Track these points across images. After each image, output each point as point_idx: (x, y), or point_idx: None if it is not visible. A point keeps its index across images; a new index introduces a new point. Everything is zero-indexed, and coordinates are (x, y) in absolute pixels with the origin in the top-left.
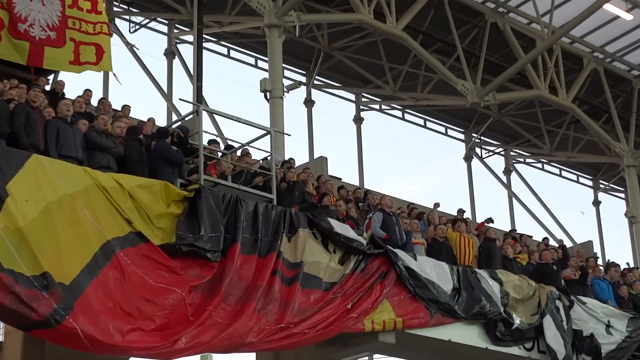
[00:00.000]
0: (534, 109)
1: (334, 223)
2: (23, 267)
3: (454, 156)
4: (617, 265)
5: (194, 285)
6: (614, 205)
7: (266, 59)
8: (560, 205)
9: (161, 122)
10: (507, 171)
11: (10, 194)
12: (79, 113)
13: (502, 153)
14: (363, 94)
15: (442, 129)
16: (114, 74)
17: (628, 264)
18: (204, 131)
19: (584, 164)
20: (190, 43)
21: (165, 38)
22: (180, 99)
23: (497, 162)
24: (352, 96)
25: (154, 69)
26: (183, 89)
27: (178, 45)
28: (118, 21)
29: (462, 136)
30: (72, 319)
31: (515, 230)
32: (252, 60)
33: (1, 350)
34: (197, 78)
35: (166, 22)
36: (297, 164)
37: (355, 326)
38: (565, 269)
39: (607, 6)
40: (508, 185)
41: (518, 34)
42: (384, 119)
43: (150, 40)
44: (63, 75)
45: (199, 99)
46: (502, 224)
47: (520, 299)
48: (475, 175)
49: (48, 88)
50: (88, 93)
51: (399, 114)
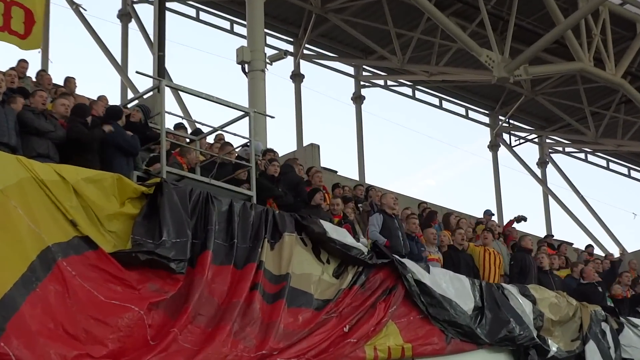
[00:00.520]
0: (576, 86)
1: (327, 226)
2: None
3: (476, 144)
4: None
5: (154, 302)
6: None
7: (244, 22)
8: (607, 205)
9: (114, 101)
10: (542, 163)
11: None
12: (11, 89)
13: (536, 140)
14: (364, 66)
15: (462, 111)
16: (50, 60)
17: None
18: (167, 112)
19: (636, 154)
20: (150, 2)
21: None
22: (137, 72)
23: (530, 152)
24: (351, 69)
25: (106, 35)
26: (141, 59)
27: (135, 5)
28: None
29: (487, 119)
30: (4, 343)
31: (552, 236)
32: (227, 25)
33: None
34: (159, 46)
35: None
36: (283, 153)
37: (354, 354)
38: (614, 285)
39: None
40: (543, 181)
41: None
42: (390, 98)
43: None
44: None
45: (160, 72)
46: (536, 228)
47: (557, 320)
48: (503, 168)
49: None
50: (23, 64)
51: (409, 91)
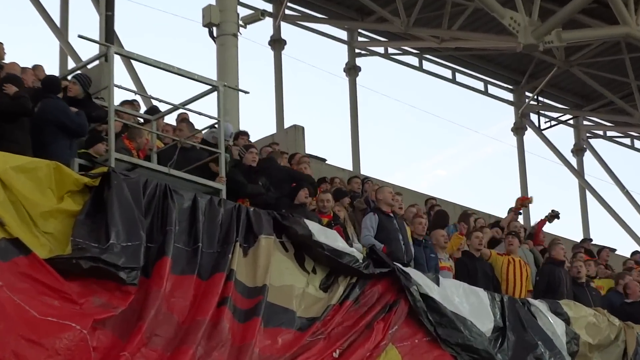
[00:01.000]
0: (620, 55)
1: (313, 227)
2: None
3: (497, 127)
4: None
5: (100, 319)
6: None
7: None
8: None
9: (52, 71)
10: (578, 150)
11: None
12: None
13: (571, 122)
14: (360, 30)
15: (480, 85)
16: None
17: None
18: (117, 86)
19: None
20: None
21: None
22: (80, 37)
23: (564, 136)
24: (344, 34)
25: None
26: (85, 20)
27: None
28: None
29: (511, 96)
30: None
31: (591, 240)
32: None
33: None
34: (106, 4)
35: None
36: (261, 137)
37: None
38: None
39: None
40: (579, 172)
41: None
42: (391, 69)
43: None
44: None
45: (108, 36)
46: (571, 230)
47: (596, 344)
48: (530, 156)
49: None
50: None
51: (415, 61)
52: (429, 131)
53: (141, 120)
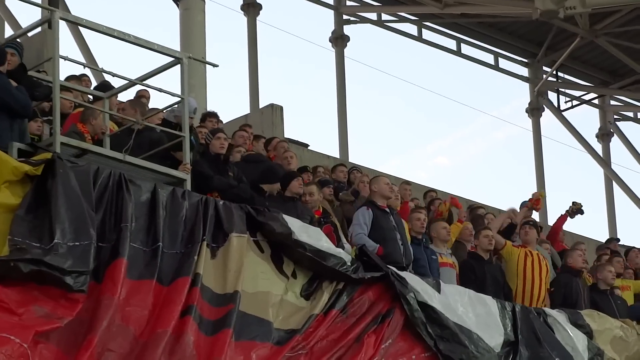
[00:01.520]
0: None
1: (293, 224)
2: None
3: (510, 107)
4: None
5: (42, 331)
6: None
7: None
8: None
9: None
10: (605, 134)
11: None
12: None
13: (596, 102)
14: None
15: (490, 59)
16: None
17: None
18: (62, 57)
19: None
20: None
21: None
22: None
23: (587, 118)
24: None
25: None
26: None
27: None
28: None
29: (526, 71)
30: None
31: (618, 240)
32: None
33: None
34: None
35: None
36: (232, 118)
37: None
38: None
39: None
40: (605, 160)
41: None
42: (385, 39)
43: None
44: None
45: None
46: (595, 229)
47: None
48: (548, 141)
49: None
50: None
51: (413, 29)
52: (429, 112)
53: (90, 98)
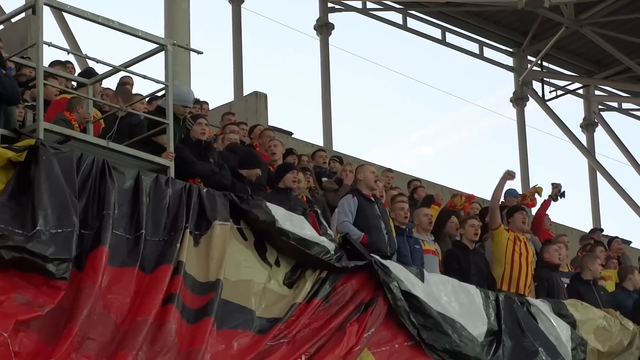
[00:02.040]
0: (639, 14)
1: (277, 212)
2: None
3: (494, 96)
4: None
5: (23, 320)
6: None
7: None
8: None
9: None
10: (589, 124)
11: None
12: None
13: (581, 92)
14: None
15: (475, 48)
16: None
17: None
18: (46, 43)
19: None
20: None
21: None
22: None
23: (572, 108)
24: None
25: None
26: None
27: None
28: None
29: (511, 61)
30: None
31: (602, 231)
32: None
33: None
34: None
35: None
36: (216, 105)
37: None
38: None
39: None
40: (589, 150)
41: None
42: (369, 27)
43: None
44: None
45: None
46: (579, 219)
47: (606, 351)
48: (532, 131)
49: None
50: None
51: (398, 18)
52: (414, 101)
53: (74, 84)
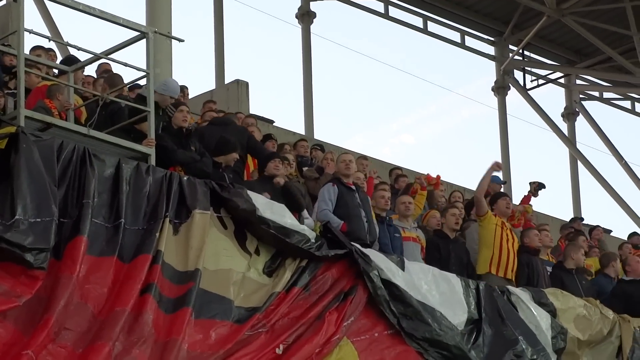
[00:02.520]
0: (621, 4)
1: (258, 200)
2: None
3: (476, 85)
4: None
5: (1, 310)
6: None
7: None
8: None
9: None
10: (570, 114)
11: None
12: None
13: (562, 81)
14: None
15: (456, 36)
16: None
17: None
18: (28, 30)
19: None
20: None
21: None
22: None
23: (553, 98)
24: None
25: None
26: None
27: None
28: None
29: (492, 50)
30: None
31: (582, 220)
32: None
33: None
34: None
35: None
36: (197, 93)
37: None
38: None
39: None
40: (570, 140)
41: None
42: (351, 15)
43: None
44: None
45: None
46: (559, 208)
47: (586, 340)
48: (513, 120)
49: None
50: None
51: (379, 6)
52: (395, 90)
53: (55, 72)
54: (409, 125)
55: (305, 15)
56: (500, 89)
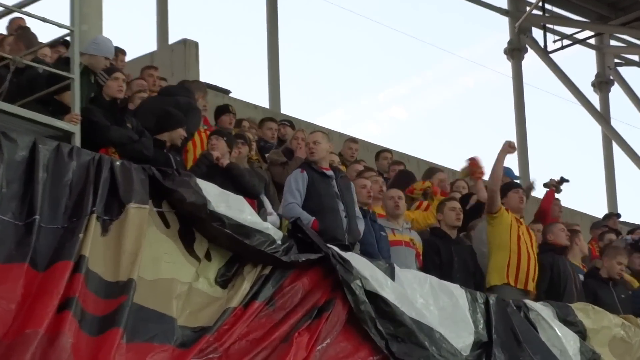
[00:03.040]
0: None
1: (209, 191)
2: None
3: (484, 46)
4: None
5: None
6: None
7: None
8: None
9: None
10: (602, 82)
11: None
12: None
13: (592, 42)
14: None
15: None
16: None
17: None
18: None
19: None
20: None
21: None
22: None
23: (581, 62)
24: None
25: None
26: None
27: None
28: None
29: (505, 2)
30: None
31: (619, 216)
32: None
33: None
34: None
35: None
36: (134, 56)
37: None
38: None
39: None
40: (604, 114)
41: None
42: None
43: None
44: None
45: None
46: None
47: None
48: (531, 91)
49: None
50: None
51: None
52: (383, 53)
53: None
54: (400, 97)
55: None
56: (514, 52)
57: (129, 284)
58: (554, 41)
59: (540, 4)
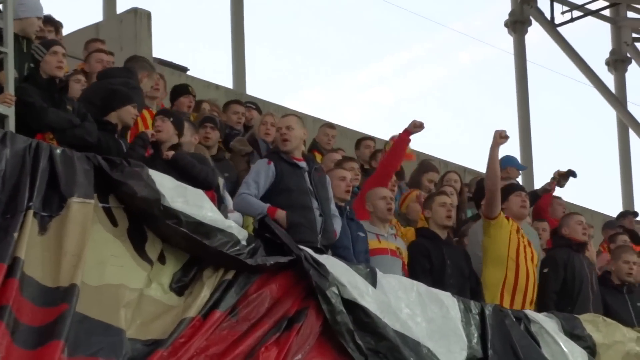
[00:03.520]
0: None
1: (163, 184)
2: None
3: (483, 17)
4: None
5: None
6: None
7: None
8: None
9: None
10: (617, 61)
11: None
12: None
13: (606, 14)
14: None
15: None
16: None
17: None
18: None
19: None
20: None
21: None
22: None
23: (593, 37)
24: None
25: None
26: None
27: None
28: None
29: None
30: None
31: (635, 215)
32: None
33: None
34: None
35: None
36: (77, 27)
37: None
38: None
39: None
40: (619, 97)
41: None
42: None
43: None
44: None
45: None
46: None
47: None
48: (535, 68)
49: None
50: None
51: None
52: (364, 26)
53: None
54: (384, 76)
55: None
56: (517, 24)
57: (70, 291)
58: (563, 12)
59: None
